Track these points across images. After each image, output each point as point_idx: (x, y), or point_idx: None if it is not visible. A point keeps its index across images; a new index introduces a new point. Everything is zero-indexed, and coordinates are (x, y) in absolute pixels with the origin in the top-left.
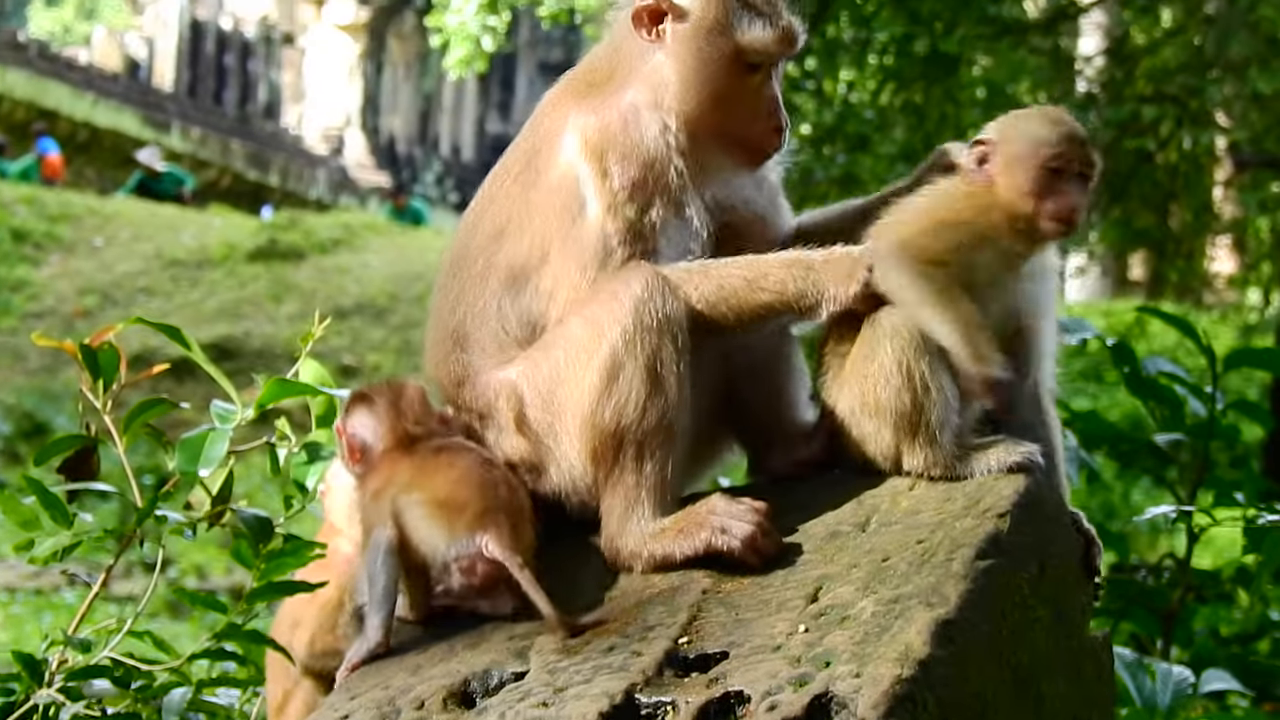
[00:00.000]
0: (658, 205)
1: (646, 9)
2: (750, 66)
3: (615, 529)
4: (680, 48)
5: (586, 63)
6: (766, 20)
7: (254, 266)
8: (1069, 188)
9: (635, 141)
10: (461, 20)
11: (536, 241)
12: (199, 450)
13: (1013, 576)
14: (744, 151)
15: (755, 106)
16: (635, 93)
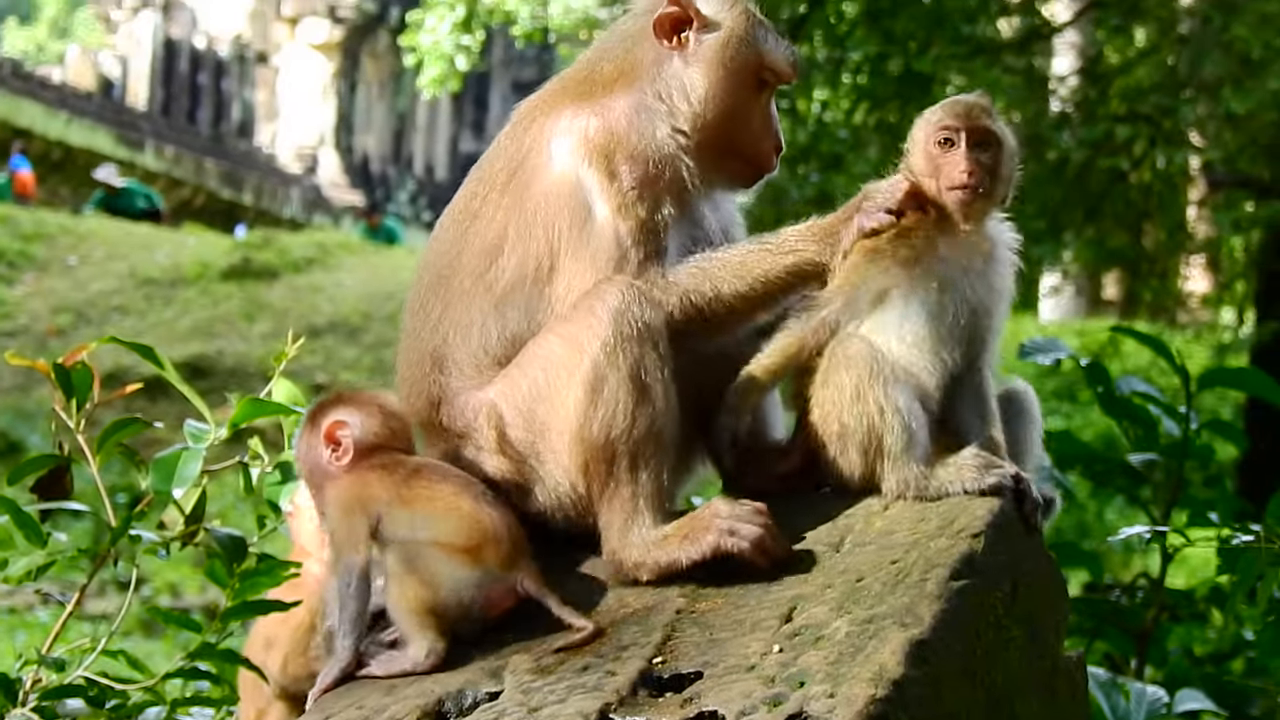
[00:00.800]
0: (668, 203)
1: (670, 16)
2: (761, 84)
3: (617, 542)
4: (707, 55)
5: (579, 67)
6: (780, 42)
7: (227, 285)
8: (958, 154)
9: (645, 141)
10: (435, 39)
11: (543, 252)
12: (172, 469)
13: (986, 596)
14: (744, 168)
15: (763, 124)
16: (642, 95)
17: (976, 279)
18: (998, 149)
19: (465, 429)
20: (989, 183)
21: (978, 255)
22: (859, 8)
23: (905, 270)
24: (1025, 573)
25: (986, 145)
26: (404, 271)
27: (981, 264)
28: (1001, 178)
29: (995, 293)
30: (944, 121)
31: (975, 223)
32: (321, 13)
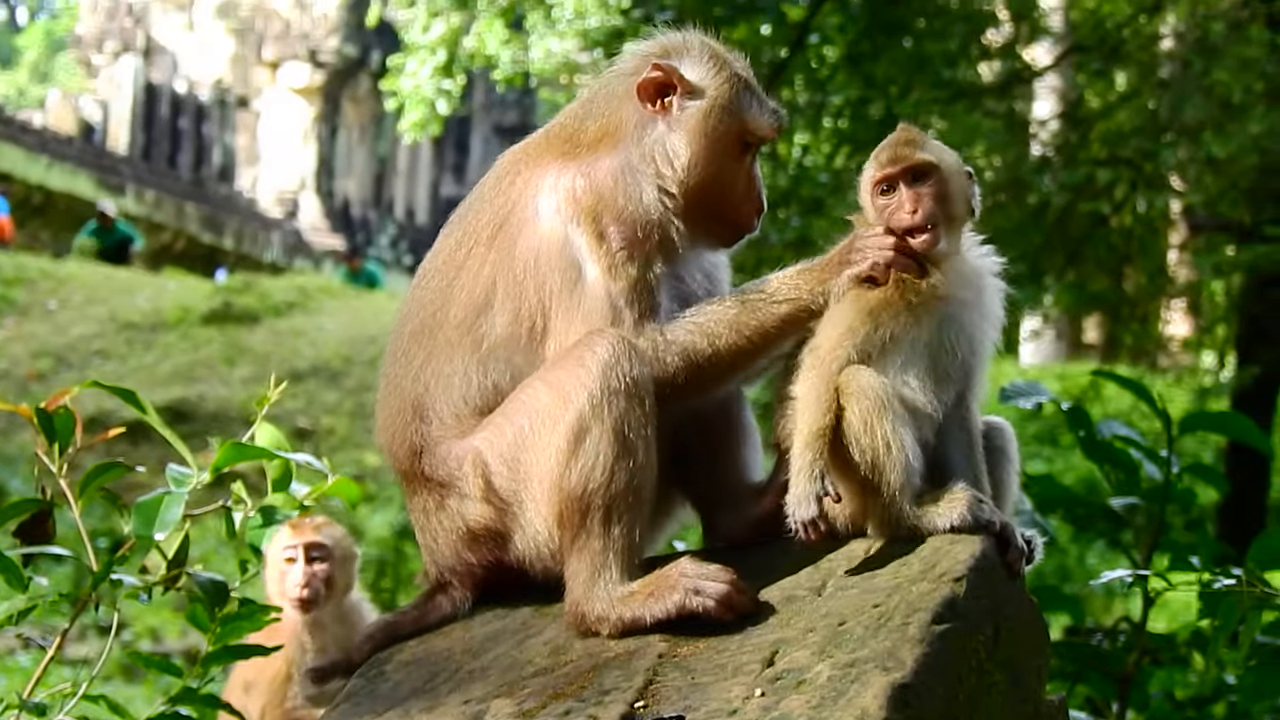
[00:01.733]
0: (659, 262)
1: (655, 81)
2: (745, 147)
3: (581, 593)
4: (690, 123)
5: (565, 124)
6: (764, 104)
7: (208, 329)
8: (899, 197)
9: (632, 203)
10: (416, 83)
11: (535, 311)
12: (154, 514)
13: (968, 640)
14: (725, 229)
15: (746, 186)
16: (627, 156)
17: (972, 308)
18: (936, 173)
19: (448, 477)
20: (938, 210)
21: (970, 287)
22: (840, 52)
23: (910, 314)
24: (1007, 617)
25: (924, 176)
26: (385, 315)
27: (974, 293)
28: (952, 197)
29: (986, 322)
30: (877, 173)
31: (952, 248)
32: (302, 57)
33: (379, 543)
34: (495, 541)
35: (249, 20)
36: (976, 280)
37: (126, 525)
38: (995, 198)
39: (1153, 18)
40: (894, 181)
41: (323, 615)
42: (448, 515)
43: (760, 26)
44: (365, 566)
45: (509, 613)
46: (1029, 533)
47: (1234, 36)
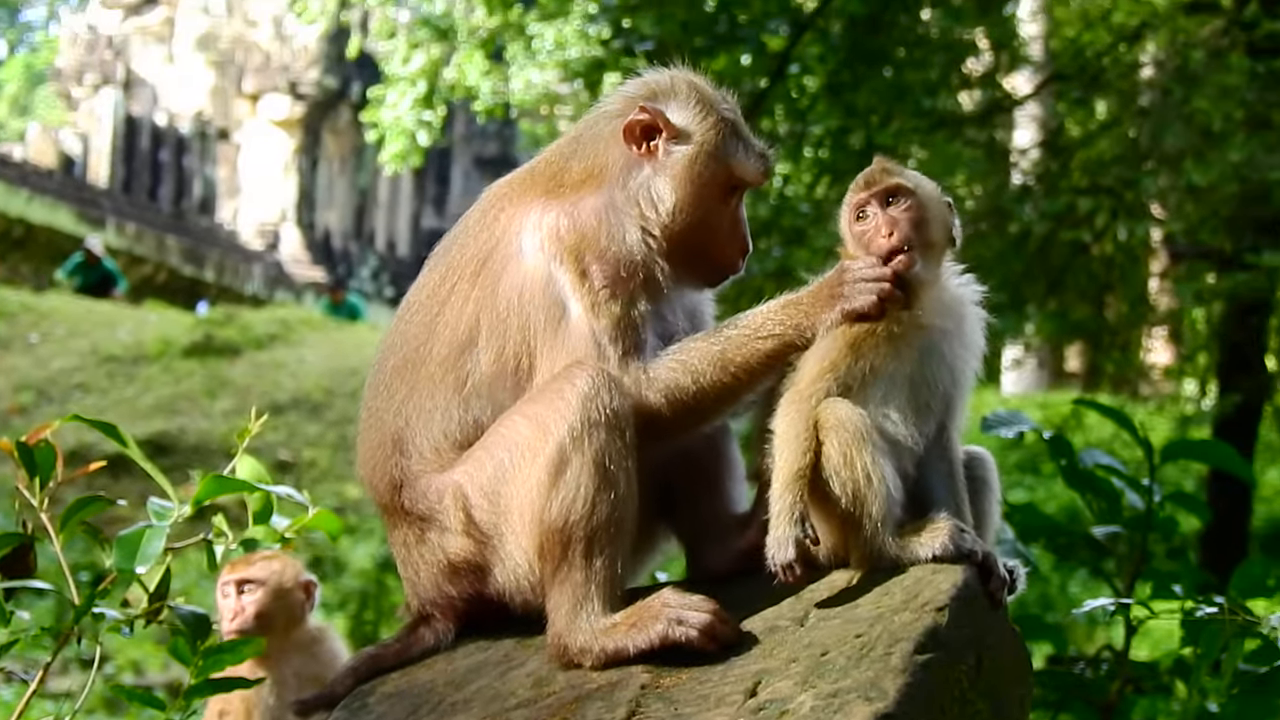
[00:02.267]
0: (643, 301)
1: (641, 124)
2: (731, 191)
3: (563, 625)
4: (676, 167)
5: (550, 161)
6: (751, 149)
7: (189, 362)
8: (874, 220)
9: (614, 242)
10: (396, 115)
11: (520, 350)
12: (136, 547)
13: (951, 670)
14: (710, 270)
15: (731, 229)
16: (611, 197)
17: (953, 337)
18: (911, 197)
19: (428, 511)
20: (915, 232)
21: (950, 316)
22: (820, 82)
23: (891, 345)
24: (990, 646)
25: (898, 198)
26: (366, 348)
27: (954, 322)
28: (929, 221)
29: (967, 351)
30: (852, 199)
31: (930, 275)
32: (283, 89)
33: (361, 575)
34: (476, 574)
35: (229, 52)
36: (957, 309)
37: (108, 559)
38: (976, 226)
39: (1133, 46)
40: (867, 207)
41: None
42: (428, 548)
43: (740, 57)
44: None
45: (491, 645)
46: (1011, 562)
47: (1214, 64)
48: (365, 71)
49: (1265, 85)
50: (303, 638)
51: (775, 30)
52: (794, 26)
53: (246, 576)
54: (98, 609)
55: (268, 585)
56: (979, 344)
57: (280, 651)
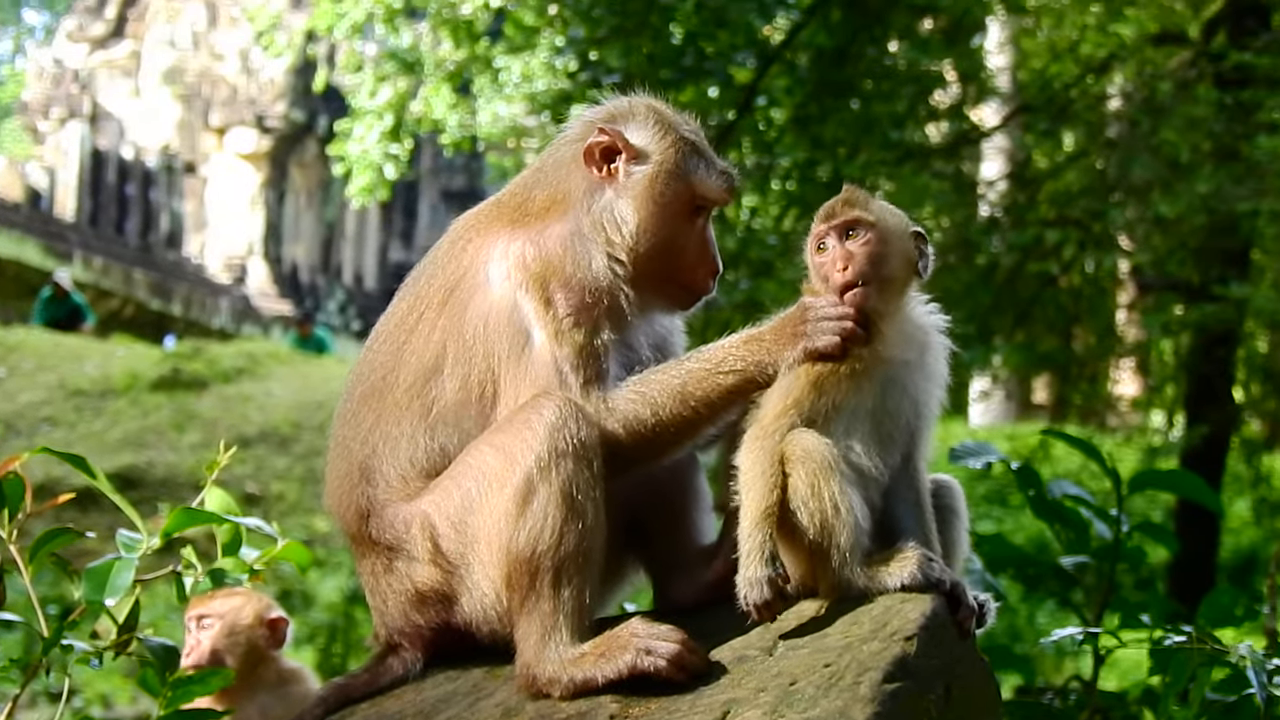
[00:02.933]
0: (606, 329)
1: (600, 146)
2: (696, 210)
3: (531, 656)
4: (636, 188)
5: (515, 192)
6: (714, 167)
7: (157, 396)
8: (832, 253)
9: (580, 269)
10: (364, 148)
11: (485, 378)
12: (105, 579)
13: (920, 700)
14: (679, 292)
15: (698, 250)
16: (577, 224)
17: (915, 370)
18: (870, 230)
19: (395, 541)
20: (872, 267)
21: (913, 347)
22: (787, 114)
23: (853, 380)
24: (958, 676)
25: (857, 231)
26: (334, 381)
27: (916, 354)
28: (888, 256)
29: (931, 382)
30: (814, 230)
31: (889, 309)
32: (249, 122)
33: (329, 608)
34: (442, 604)
35: (195, 86)
36: (920, 340)
37: (77, 591)
38: (944, 258)
39: (1100, 78)
40: (827, 239)
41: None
42: (396, 578)
43: (707, 89)
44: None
45: (460, 675)
46: (982, 596)
47: (1181, 96)
48: (332, 105)
49: (1232, 117)
50: (269, 676)
51: (742, 62)
52: (761, 59)
53: (204, 611)
54: (66, 641)
55: (224, 620)
56: (942, 375)
57: (246, 688)
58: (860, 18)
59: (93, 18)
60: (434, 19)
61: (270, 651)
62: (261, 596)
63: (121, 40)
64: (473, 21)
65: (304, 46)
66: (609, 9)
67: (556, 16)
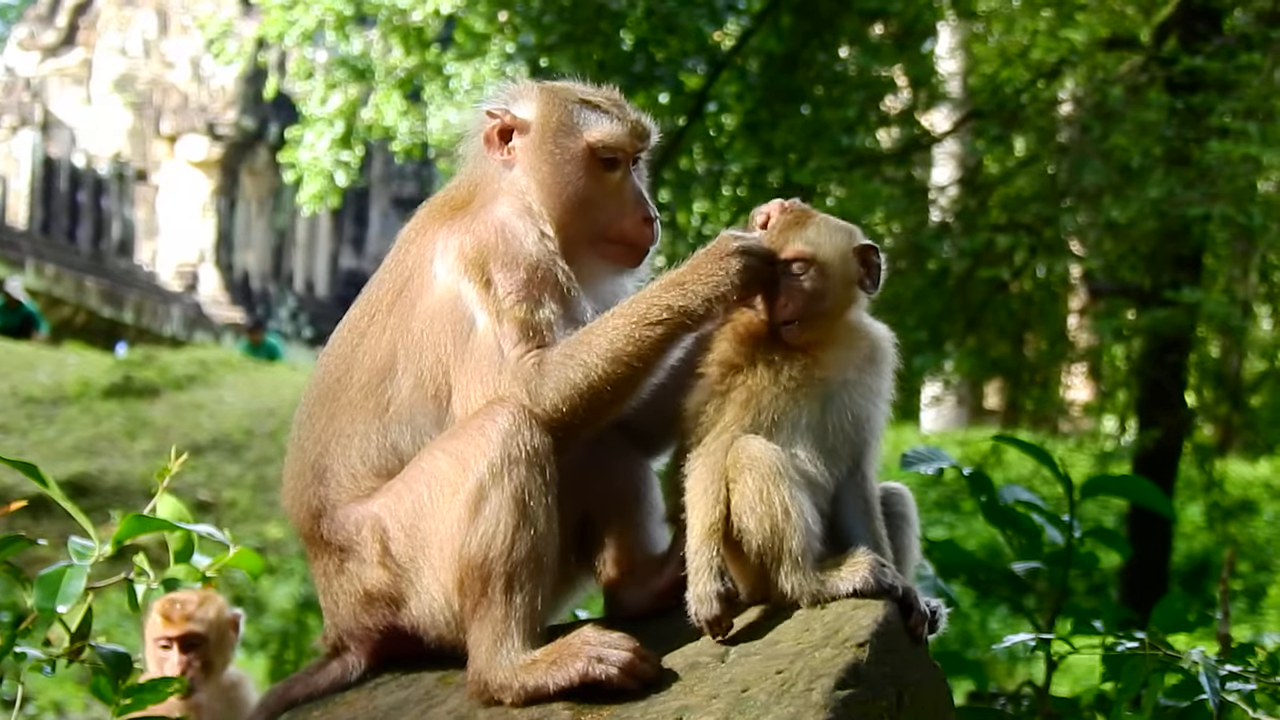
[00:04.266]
0: (549, 303)
1: (496, 129)
2: (606, 164)
3: (484, 662)
4: (530, 157)
5: (444, 193)
6: (613, 117)
7: (109, 403)
8: (776, 286)
9: (515, 248)
10: (314, 155)
11: (437, 372)
12: (57, 587)
13: (872, 706)
14: (620, 250)
15: (620, 203)
16: (503, 207)
17: (855, 387)
18: (809, 265)
19: (346, 542)
20: (807, 305)
21: (852, 364)
22: (738, 120)
23: (791, 398)
24: (911, 682)
25: (795, 266)
26: (285, 388)
27: (856, 372)
28: (826, 291)
29: (874, 395)
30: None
31: (823, 334)
32: (200, 130)
33: (281, 615)
34: (390, 606)
35: (146, 94)
36: (865, 354)
37: (29, 598)
38: (895, 264)
39: (1051, 83)
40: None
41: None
42: (347, 579)
43: (658, 95)
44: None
45: (413, 682)
46: (934, 601)
47: (1132, 101)
48: (283, 112)
49: (1184, 122)
50: (222, 682)
51: (693, 69)
52: (711, 65)
53: (188, 631)
54: (19, 648)
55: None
56: (887, 388)
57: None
58: (810, 23)
59: (44, 26)
60: (384, 26)
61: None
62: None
63: (73, 48)
64: (423, 28)
65: (255, 54)
66: (559, 16)
67: (507, 23)
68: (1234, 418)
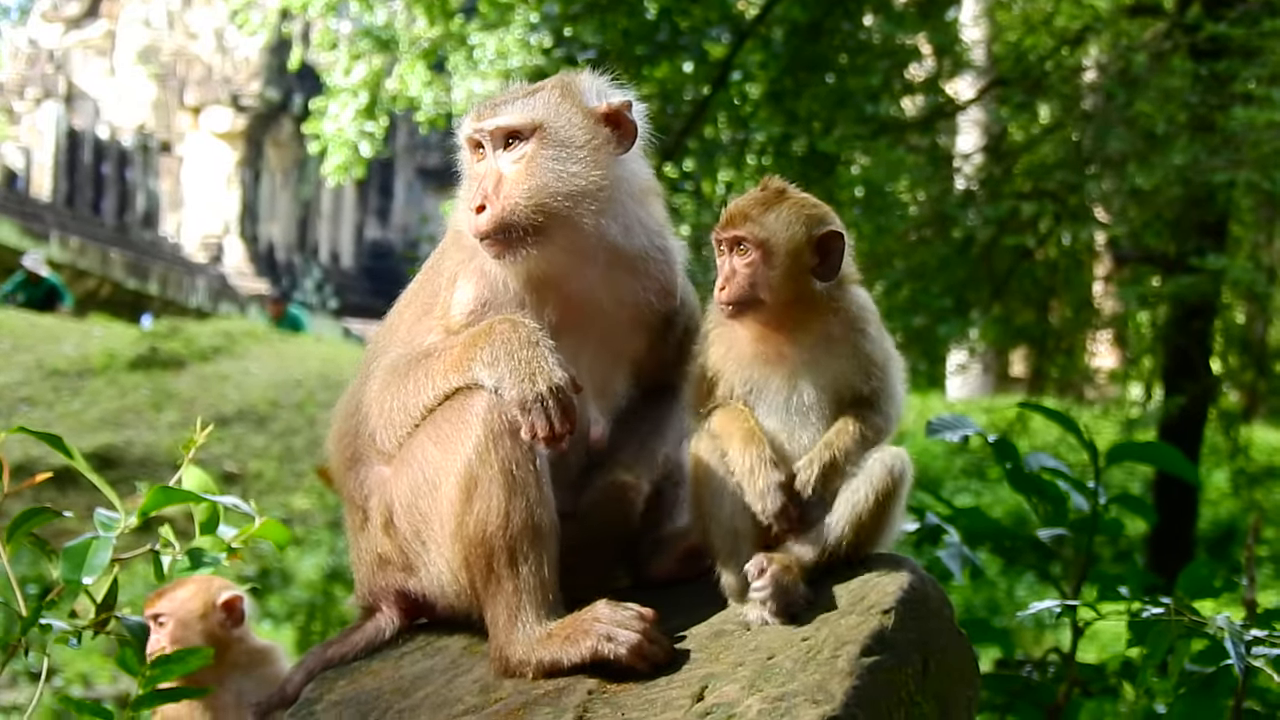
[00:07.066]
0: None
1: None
2: (475, 149)
3: (503, 638)
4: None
5: None
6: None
7: (135, 375)
8: (720, 265)
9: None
10: (339, 126)
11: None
12: (83, 558)
13: (898, 673)
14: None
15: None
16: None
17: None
18: (756, 249)
19: (363, 502)
20: (751, 288)
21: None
22: (762, 89)
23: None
24: (937, 649)
25: (744, 247)
26: (311, 360)
27: (821, 351)
28: (772, 276)
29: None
30: (714, 231)
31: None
32: (224, 101)
33: (308, 586)
34: (401, 572)
35: (170, 65)
36: (829, 336)
37: (55, 570)
38: (920, 233)
39: (1075, 50)
40: (720, 246)
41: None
42: (366, 537)
43: (682, 64)
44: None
45: (439, 650)
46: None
47: (1156, 67)
48: (307, 83)
49: (1208, 88)
50: (239, 659)
51: (717, 38)
52: (735, 34)
53: (156, 611)
54: (45, 620)
55: (175, 618)
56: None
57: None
58: None
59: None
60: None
61: (232, 633)
62: (212, 580)
63: (96, 20)
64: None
65: (279, 25)
66: None
67: None
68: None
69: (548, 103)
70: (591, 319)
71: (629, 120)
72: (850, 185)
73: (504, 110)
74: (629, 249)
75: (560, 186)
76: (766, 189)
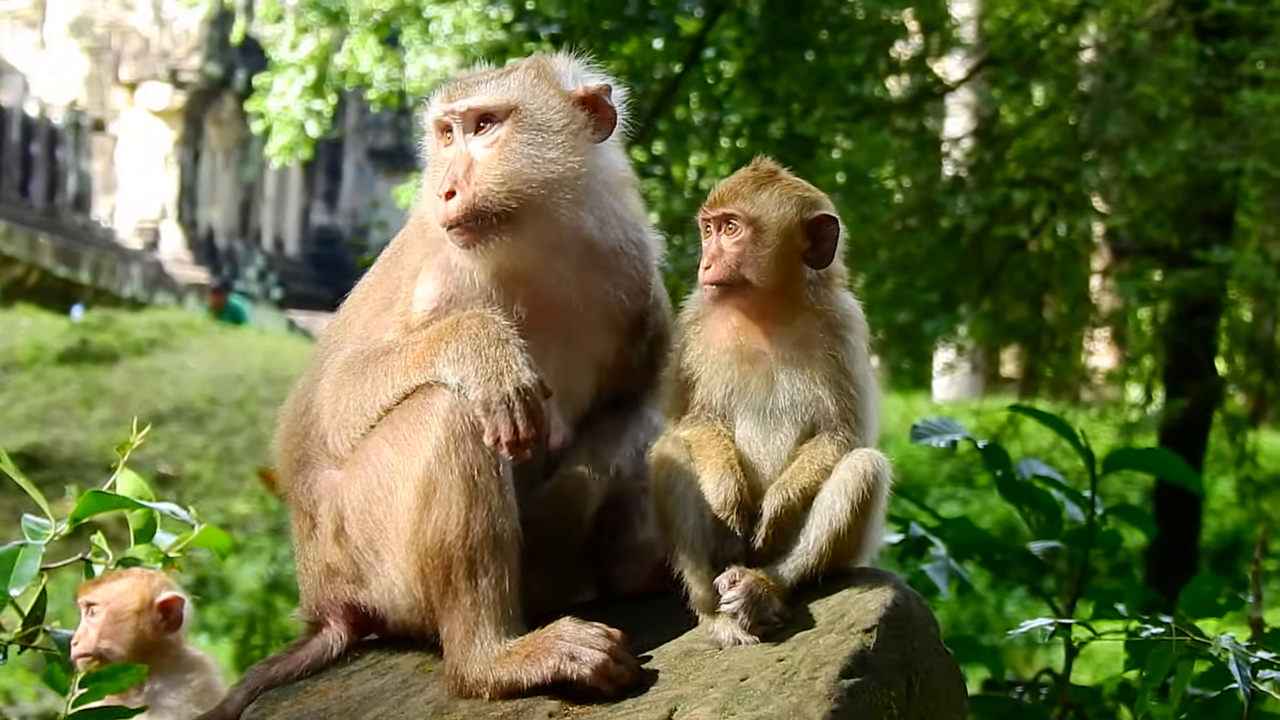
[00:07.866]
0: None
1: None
2: (443, 132)
3: (459, 656)
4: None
5: None
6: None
7: (64, 369)
8: (710, 240)
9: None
10: (284, 104)
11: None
12: (9, 568)
13: (880, 696)
14: None
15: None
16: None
17: (794, 366)
18: (747, 227)
19: (311, 508)
20: (737, 269)
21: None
22: (737, 67)
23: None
24: (922, 670)
25: (733, 226)
26: (252, 354)
27: (801, 351)
28: (760, 257)
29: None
30: (701, 210)
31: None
32: (162, 77)
33: (248, 596)
34: (351, 584)
35: (104, 38)
36: (812, 336)
37: None
38: (905, 222)
39: (1072, 28)
40: (707, 226)
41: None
42: (314, 546)
43: (652, 41)
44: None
45: (390, 669)
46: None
47: (1159, 47)
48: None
49: (1214, 69)
50: (165, 663)
51: (689, 12)
52: (709, 8)
53: (90, 599)
54: None
55: (109, 607)
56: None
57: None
58: None
59: None
60: None
61: (166, 636)
62: (154, 576)
63: None
64: None
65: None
66: None
67: None
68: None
69: (523, 84)
70: (561, 318)
71: (607, 105)
72: (831, 170)
73: (476, 91)
74: (603, 243)
75: (535, 173)
76: (758, 169)
